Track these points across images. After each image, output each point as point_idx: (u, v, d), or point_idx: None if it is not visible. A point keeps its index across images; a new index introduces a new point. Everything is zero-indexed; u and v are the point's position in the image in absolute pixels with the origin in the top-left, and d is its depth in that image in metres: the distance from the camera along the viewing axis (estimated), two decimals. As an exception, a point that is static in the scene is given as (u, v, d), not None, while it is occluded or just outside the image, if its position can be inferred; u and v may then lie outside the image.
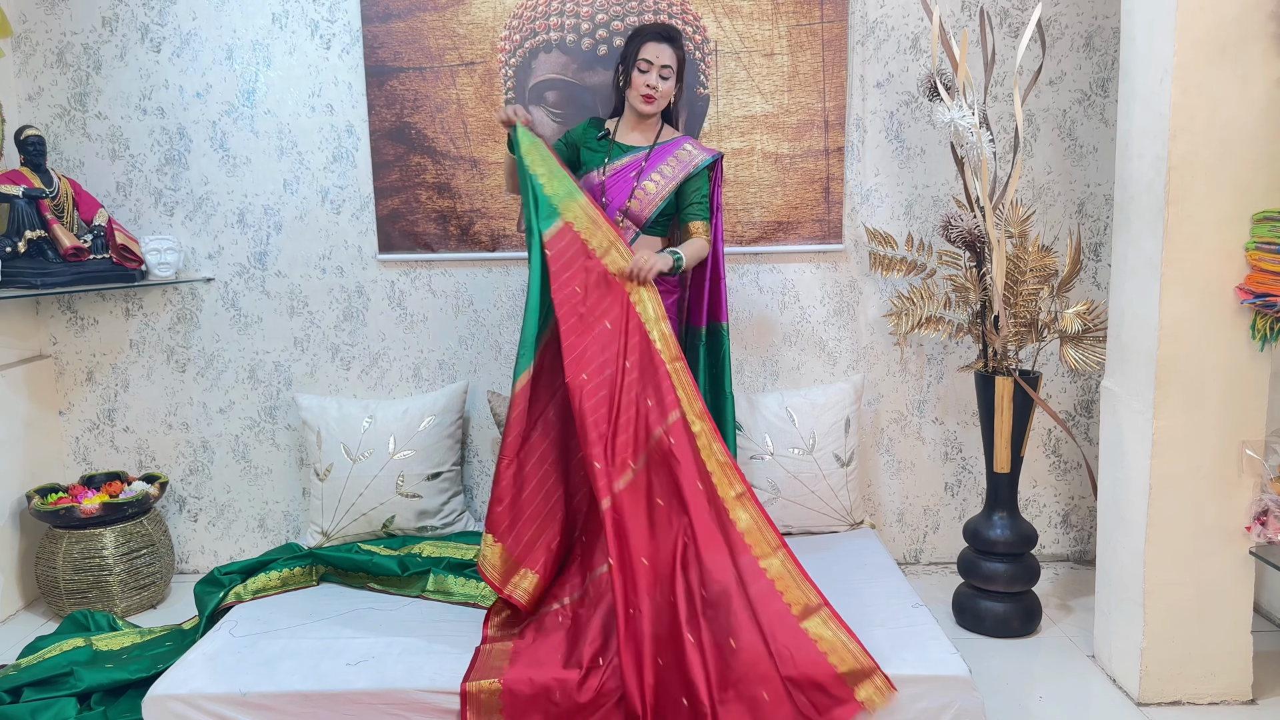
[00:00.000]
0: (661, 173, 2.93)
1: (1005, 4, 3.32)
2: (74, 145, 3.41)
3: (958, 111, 2.86)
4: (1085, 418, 3.54)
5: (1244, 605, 2.60)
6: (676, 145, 2.96)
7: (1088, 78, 3.36)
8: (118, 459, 3.58)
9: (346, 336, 3.51)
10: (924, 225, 3.42)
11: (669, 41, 2.90)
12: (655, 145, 2.96)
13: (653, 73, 2.88)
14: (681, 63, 2.94)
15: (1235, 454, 2.52)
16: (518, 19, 3.32)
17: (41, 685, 2.59)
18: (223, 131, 3.40)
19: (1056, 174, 3.41)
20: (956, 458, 3.57)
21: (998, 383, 2.96)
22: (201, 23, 3.34)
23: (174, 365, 3.53)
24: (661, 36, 2.90)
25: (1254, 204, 2.43)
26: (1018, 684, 2.74)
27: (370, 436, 3.28)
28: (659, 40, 2.89)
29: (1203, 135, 2.41)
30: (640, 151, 2.95)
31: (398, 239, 3.43)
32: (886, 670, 2.33)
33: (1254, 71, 2.38)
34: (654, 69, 2.88)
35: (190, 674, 2.41)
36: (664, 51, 2.89)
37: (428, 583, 2.87)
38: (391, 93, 3.35)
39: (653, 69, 2.88)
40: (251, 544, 3.61)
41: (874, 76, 3.36)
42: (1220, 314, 2.48)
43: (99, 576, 3.20)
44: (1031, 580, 3.04)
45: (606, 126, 3.01)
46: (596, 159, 2.97)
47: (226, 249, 3.46)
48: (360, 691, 2.33)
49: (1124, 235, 2.66)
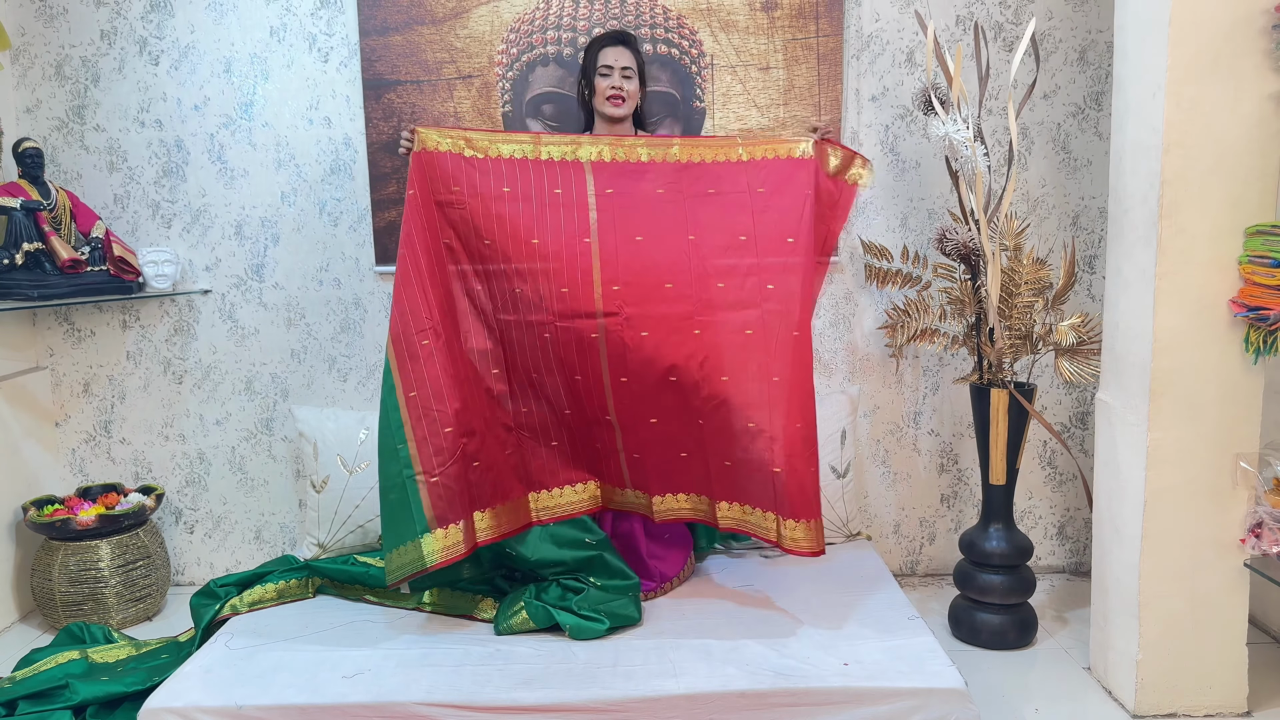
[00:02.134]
0: None
1: (1000, 18, 3.34)
2: (72, 157, 3.42)
3: (952, 125, 2.88)
4: (1080, 430, 3.55)
5: (1239, 617, 2.61)
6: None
7: (1082, 92, 3.38)
8: (114, 471, 3.58)
9: (343, 348, 3.51)
10: (919, 238, 3.44)
11: (624, 44, 2.95)
12: None
13: (614, 74, 2.93)
14: (641, 65, 2.99)
15: (1230, 466, 2.53)
16: (515, 33, 3.33)
17: (36, 698, 2.58)
18: (220, 144, 3.41)
19: (1051, 187, 3.43)
20: (952, 469, 3.57)
21: (993, 395, 2.97)
22: (200, 36, 3.36)
23: (171, 377, 3.53)
24: (616, 40, 2.96)
25: (1247, 218, 2.44)
26: (1013, 696, 2.74)
27: (367, 448, 3.28)
28: (614, 44, 2.95)
29: (1196, 149, 2.43)
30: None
31: (395, 250, 3.41)
32: (881, 683, 2.34)
33: (1246, 86, 2.39)
34: (615, 71, 2.93)
35: (186, 686, 2.40)
36: (621, 54, 2.93)
37: (424, 595, 2.87)
38: (389, 105, 3.37)
39: (614, 72, 2.93)
40: (247, 556, 3.61)
41: (869, 90, 3.38)
42: (1214, 327, 2.49)
43: (95, 588, 3.20)
44: (1027, 592, 3.04)
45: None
46: None
47: (224, 261, 3.47)
48: (356, 704, 2.33)
49: (1118, 248, 2.67)
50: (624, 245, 2.76)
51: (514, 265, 2.75)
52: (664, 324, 2.74)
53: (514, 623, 2.68)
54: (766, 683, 2.37)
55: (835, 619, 2.71)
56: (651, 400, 2.76)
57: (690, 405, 2.75)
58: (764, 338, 2.72)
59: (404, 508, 2.62)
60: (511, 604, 2.75)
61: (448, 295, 2.76)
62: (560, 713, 2.33)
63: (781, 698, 2.34)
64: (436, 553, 2.60)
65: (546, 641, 2.62)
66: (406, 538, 2.62)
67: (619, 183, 2.80)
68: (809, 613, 2.76)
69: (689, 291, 2.75)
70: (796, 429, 2.66)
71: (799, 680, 2.37)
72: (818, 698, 2.34)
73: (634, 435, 2.81)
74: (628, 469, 2.87)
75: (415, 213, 2.70)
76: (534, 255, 2.74)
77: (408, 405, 2.63)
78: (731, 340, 2.74)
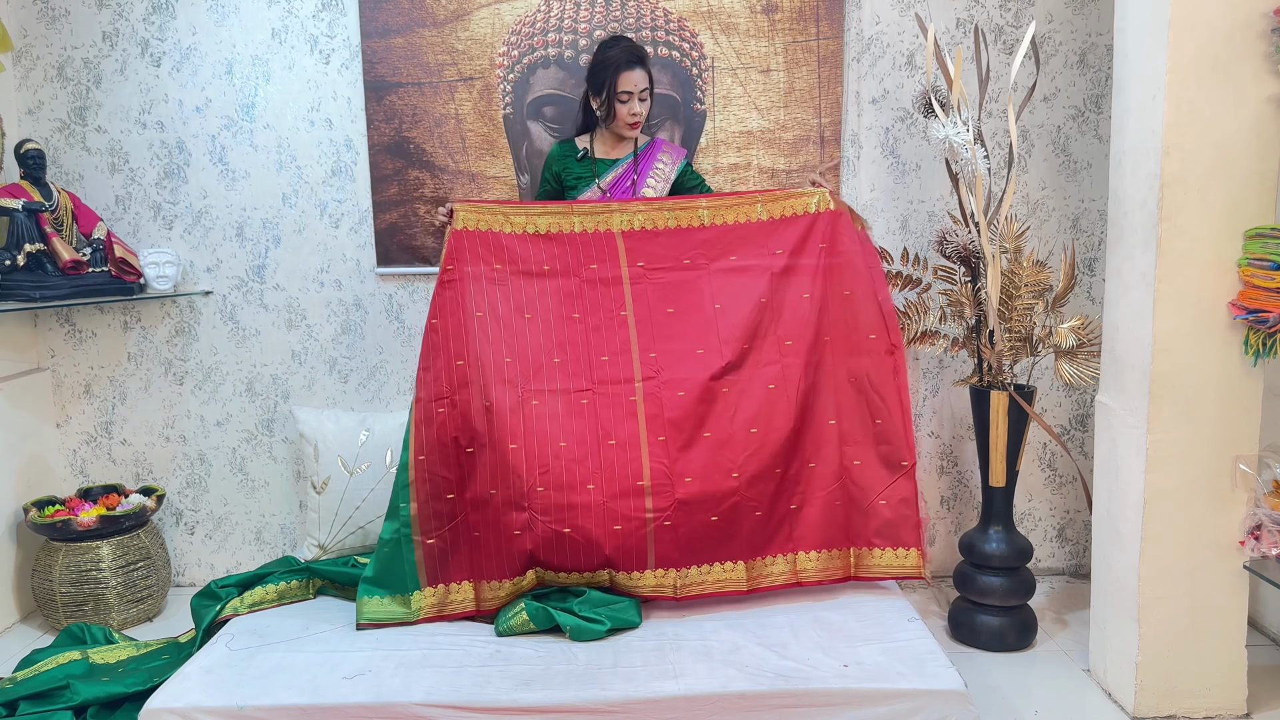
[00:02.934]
0: (656, 172, 3.05)
1: (1000, 21, 3.35)
2: (74, 159, 3.43)
3: (952, 128, 2.88)
4: (1080, 432, 3.56)
5: (1238, 620, 2.61)
6: (655, 149, 3.08)
7: (1082, 94, 3.38)
8: (115, 472, 3.58)
9: (344, 349, 3.52)
10: (919, 240, 3.44)
11: (640, 63, 2.94)
12: (637, 152, 3.06)
13: (633, 101, 2.94)
14: (652, 79, 3.01)
15: (1229, 468, 2.54)
16: (516, 35, 3.34)
17: (37, 699, 2.59)
18: (222, 145, 3.42)
19: (1051, 190, 3.43)
20: (952, 471, 3.58)
21: (993, 397, 2.98)
22: (201, 38, 3.36)
23: (172, 378, 3.53)
24: (632, 62, 2.93)
25: (1246, 220, 2.45)
26: (1013, 698, 2.75)
27: (367, 449, 3.29)
28: (630, 66, 2.93)
29: (1195, 152, 2.43)
30: (625, 162, 3.04)
31: (396, 252, 3.44)
32: (881, 684, 2.35)
33: (1245, 89, 2.40)
34: (634, 97, 2.94)
35: (186, 687, 2.40)
36: (639, 76, 2.94)
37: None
38: (390, 107, 3.37)
39: (633, 98, 2.94)
40: (248, 557, 3.61)
41: (869, 93, 3.39)
42: (1213, 329, 2.49)
43: (95, 589, 3.20)
44: (1027, 594, 3.04)
45: (580, 144, 3.05)
46: (586, 179, 3.02)
47: (225, 262, 3.47)
48: (357, 705, 2.33)
49: (1118, 251, 2.68)
50: (658, 317, 2.93)
51: (555, 337, 2.88)
52: (697, 386, 2.85)
53: (514, 624, 2.68)
54: (766, 684, 2.37)
55: (835, 620, 2.72)
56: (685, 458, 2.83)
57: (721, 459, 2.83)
58: (785, 389, 2.88)
59: (397, 561, 2.76)
60: (512, 605, 2.75)
61: (475, 366, 2.81)
62: (560, 714, 2.33)
63: (781, 699, 2.34)
64: (423, 610, 2.75)
65: (546, 643, 2.62)
66: (397, 590, 2.77)
67: (650, 252, 2.95)
68: (809, 614, 2.76)
69: (717, 355, 2.88)
70: (810, 469, 2.90)
71: (799, 682, 2.37)
72: (817, 699, 2.34)
73: (666, 497, 2.79)
74: (654, 542, 2.79)
75: (452, 287, 2.85)
76: (575, 327, 2.88)
77: (414, 466, 2.76)
78: (757, 393, 2.88)
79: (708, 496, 2.79)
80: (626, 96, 2.94)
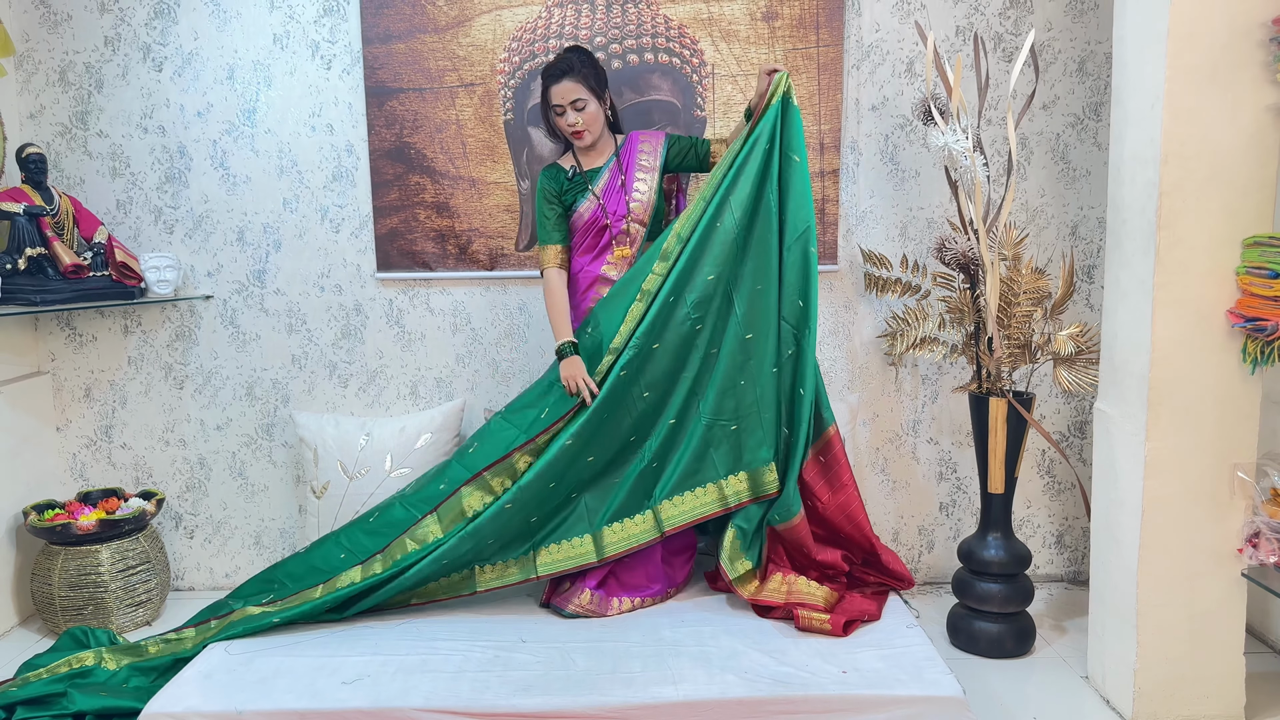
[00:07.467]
0: (641, 165, 3.04)
1: (999, 29, 3.36)
2: (75, 163, 3.43)
3: (952, 135, 2.89)
4: (1079, 439, 3.56)
5: (1236, 627, 2.61)
6: (633, 143, 3.08)
7: (1080, 102, 3.39)
8: (115, 475, 3.58)
9: (344, 354, 3.52)
10: (919, 247, 3.45)
11: (565, 75, 2.91)
12: (618, 152, 3.05)
13: (568, 113, 2.94)
14: (596, 82, 2.95)
15: (1227, 476, 2.54)
16: (517, 41, 3.35)
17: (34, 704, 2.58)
18: (223, 150, 3.43)
19: (1050, 197, 3.44)
20: (951, 478, 3.58)
21: (991, 404, 2.98)
22: (203, 43, 3.37)
23: (172, 382, 3.54)
24: (557, 75, 2.92)
25: (1244, 229, 2.45)
26: (1012, 705, 2.75)
27: (367, 454, 3.29)
28: (556, 80, 2.92)
29: (1194, 160, 2.44)
30: (609, 165, 3.04)
31: (396, 257, 3.45)
32: (879, 691, 2.35)
33: (1244, 98, 2.41)
34: (566, 109, 2.93)
35: (185, 692, 2.40)
36: (565, 89, 2.92)
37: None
38: (391, 113, 3.38)
39: (566, 109, 2.94)
40: (247, 561, 3.61)
41: (869, 100, 3.40)
42: (1212, 337, 2.50)
43: (95, 593, 3.20)
44: (1025, 601, 3.04)
45: (566, 165, 3.06)
46: (582, 193, 3.03)
47: (225, 267, 3.48)
48: (355, 710, 2.33)
49: (1116, 258, 2.68)
50: None
51: None
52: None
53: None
54: (765, 690, 2.37)
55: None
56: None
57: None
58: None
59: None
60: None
61: None
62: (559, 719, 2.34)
63: (780, 705, 2.34)
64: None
65: (546, 648, 2.63)
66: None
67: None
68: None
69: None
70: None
71: (798, 688, 2.38)
72: (816, 705, 2.34)
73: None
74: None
75: None
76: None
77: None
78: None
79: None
80: (560, 109, 2.95)
